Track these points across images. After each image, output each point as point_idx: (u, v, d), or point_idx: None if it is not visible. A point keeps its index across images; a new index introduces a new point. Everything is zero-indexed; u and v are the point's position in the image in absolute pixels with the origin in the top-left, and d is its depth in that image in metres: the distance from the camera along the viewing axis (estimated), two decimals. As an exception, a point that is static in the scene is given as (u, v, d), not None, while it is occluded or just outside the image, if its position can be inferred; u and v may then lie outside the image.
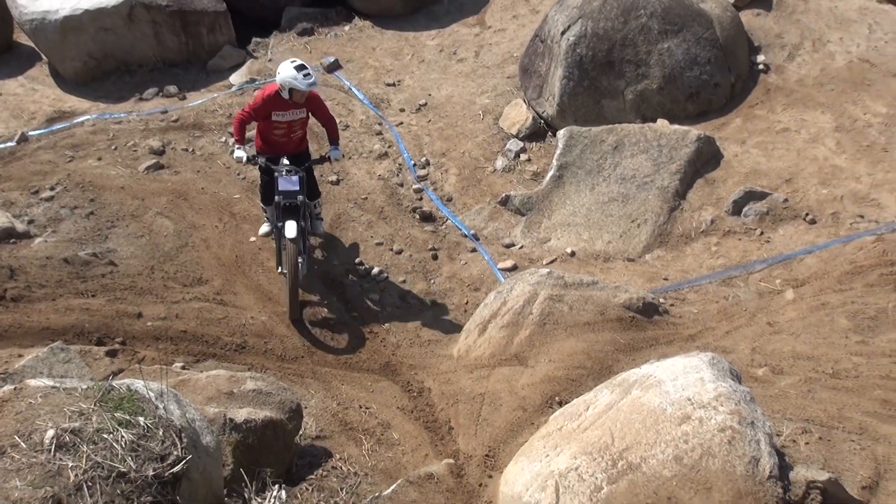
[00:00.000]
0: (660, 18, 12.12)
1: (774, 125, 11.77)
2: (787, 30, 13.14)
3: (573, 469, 6.22)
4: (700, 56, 12.11)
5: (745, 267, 9.89)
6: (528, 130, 12.26)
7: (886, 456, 6.86)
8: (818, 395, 7.86)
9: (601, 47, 12.07)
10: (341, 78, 13.52)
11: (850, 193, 10.61)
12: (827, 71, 12.54)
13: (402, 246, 10.69)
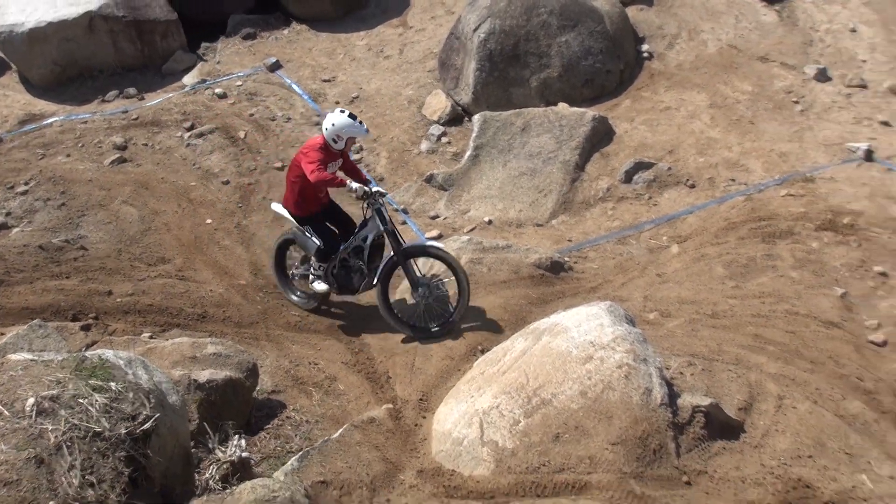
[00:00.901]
0: (558, 15, 12.14)
1: (658, 104, 11.88)
2: (667, 22, 13.25)
3: (495, 407, 6.27)
4: (593, 47, 12.16)
5: (637, 227, 10.00)
6: (447, 117, 12.21)
7: (758, 381, 7.01)
8: (700, 333, 8.00)
9: (508, 42, 12.06)
10: (283, 76, 13.32)
11: (724, 161, 10.76)
12: (701, 56, 12.69)
13: (343, 221, 10.61)
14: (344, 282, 8.64)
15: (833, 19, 13.39)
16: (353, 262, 8.56)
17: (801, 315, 8.27)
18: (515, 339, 7.10)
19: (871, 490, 5.99)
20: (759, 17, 13.36)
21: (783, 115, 11.45)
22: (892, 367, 7.76)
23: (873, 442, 6.73)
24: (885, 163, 10.40)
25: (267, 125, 12.08)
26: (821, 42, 12.91)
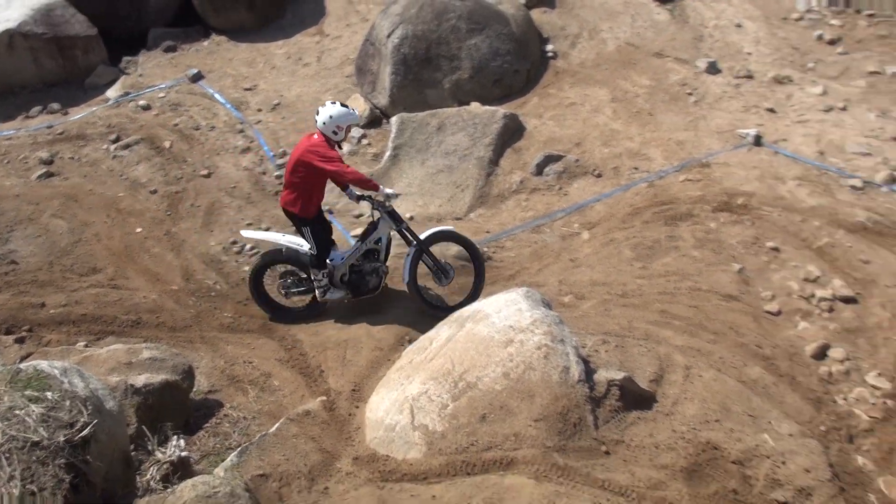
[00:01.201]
0: (466, 19, 12.20)
1: (564, 101, 12.04)
2: (569, 23, 13.44)
3: (424, 393, 6.30)
4: (501, 49, 12.26)
5: (550, 216, 10.14)
6: (366, 119, 12.17)
7: (667, 354, 7.19)
8: (612, 312, 8.17)
9: (421, 46, 12.08)
10: (205, 86, 13.09)
11: (626, 151, 10.97)
12: (602, 54, 12.91)
13: (269, 224, 10.47)
14: (358, 285, 8.47)
15: (720, 16, 13.77)
16: (367, 265, 8.40)
17: (703, 290, 8.51)
18: (440, 328, 7.14)
19: (772, 447, 6.21)
20: (653, 16, 13.65)
21: (679, 106, 11.74)
22: (786, 334, 8.06)
23: (773, 403, 6.99)
24: (772, 147, 10.74)
25: (192, 134, 11.87)
26: (710, 37, 13.27)
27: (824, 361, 7.75)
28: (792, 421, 6.78)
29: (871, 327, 8.13)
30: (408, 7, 12.26)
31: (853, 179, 10.08)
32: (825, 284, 8.60)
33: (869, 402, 7.35)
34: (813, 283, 8.63)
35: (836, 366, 7.70)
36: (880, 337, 8.01)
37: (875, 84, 12.07)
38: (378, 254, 8.43)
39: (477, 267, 8.55)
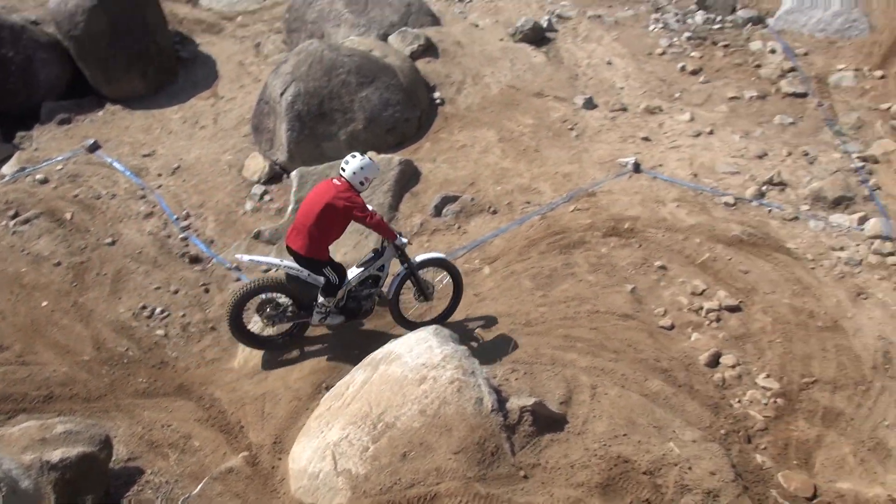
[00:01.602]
0: (356, 74, 12.22)
1: (455, 144, 12.15)
2: (453, 71, 13.62)
3: (344, 438, 6.20)
4: (391, 99, 12.32)
5: (451, 254, 10.15)
6: (267, 176, 12.03)
7: (573, 376, 7.27)
8: (519, 341, 8.22)
9: (314, 102, 12.03)
10: (103, 156, 12.69)
11: (518, 187, 11.13)
12: (486, 98, 13.11)
13: (178, 286, 10.21)
14: (355, 310, 8.47)
15: (591, 55, 14.20)
16: (364, 291, 8.45)
17: (601, 312, 8.67)
18: (356, 372, 7.06)
19: (678, 455, 6.33)
20: (530, 60, 13.97)
21: (562, 141, 12.00)
22: (680, 346, 8.26)
23: (675, 413, 7.13)
24: (651, 172, 11.08)
25: (93, 204, 11.47)
26: (584, 75, 13.66)
27: (717, 369, 7.98)
28: (694, 427, 6.93)
29: (756, 332, 8.42)
30: (298, 65, 12.21)
31: (726, 197, 10.48)
32: (711, 296, 8.87)
33: (761, 403, 7.58)
34: (700, 296, 8.90)
35: (729, 372, 7.93)
36: (765, 341, 8.30)
37: (736, 108, 12.63)
38: (378, 280, 8.50)
39: (455, 292, 8.80)
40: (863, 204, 10.30)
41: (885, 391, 7.71)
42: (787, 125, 12.06)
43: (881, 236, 9.71)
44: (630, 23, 15.29)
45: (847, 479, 6.79)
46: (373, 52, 12.90)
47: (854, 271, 9.27)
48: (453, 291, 8.80)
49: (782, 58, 13.73)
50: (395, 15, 14.53)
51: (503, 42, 14.48)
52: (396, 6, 14.66)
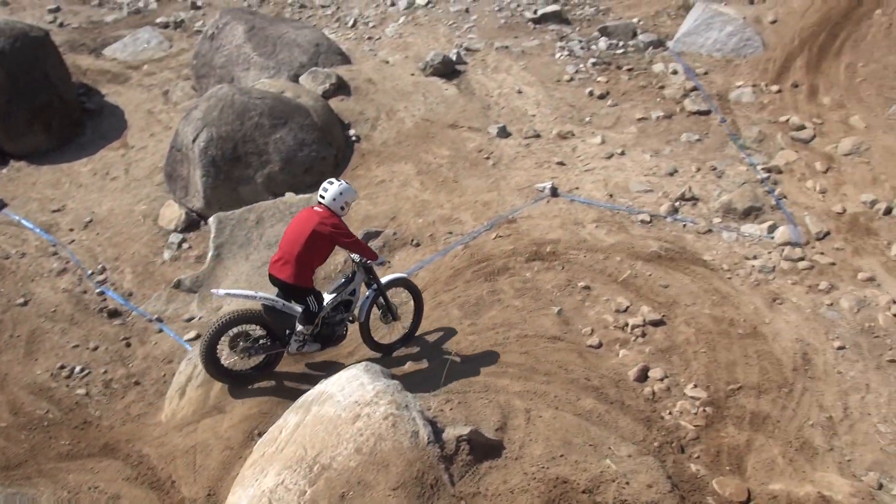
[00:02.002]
0: (269, 116, 12.17)
1: (374, 179, 12.17)
2: (366, 108, 13.68)
3: (280, 484, 6.05)
4: (306, 139, 12.29)
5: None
6: (184, 224, 11.82)
7: (507, 402, 7.28)
8: (453, 370, 8.20)
9: (227, 146, 11.91)
10: (9, 214, 12.29)
11: (439, 218, 11.19)
12: (402, 132, 13.19)
13: (98, 342, 9.89)
14: (329, 336, 8.40)
15: (502, 85, 14.47)
16: (339, 316, 8.39)
17: (530, 336, 8.73)
18: (288, 416, 6.93)
19: (615, 471, 6.38)
20: (442, 92, 14.15)
21: (479, 170, 12.14)
22: (609, 363, 8.37)
23: (609, 430, 7.20)
24: (568, 196, 11.29)
25: (2, 264, 11.06)
26: (496, 105, 13.89)
27: (646, 383, 8.11)
28: (628, 442, 7.01)
29: (681, 344, 8.60)
30: (209, 111, 12.09)
31: (642, 215, 10.74)
32: (635, 313, 9.04)
33: (691, 413, 7.73)
34: (624, 313, 9.06)
35: (658, 385, 8.07)
36: (690, 351, 8.49)
37: (644, 129, 13.01)
38: (349, 304, 8.44)
39: (417, 311, 8.96)
40: (771, 213, 10.69)
41: (806, 392, 7.96)
42: (694, 142, 12.47)
43: (790, 243, 10.09)
44: (537, 52, 15.65)
45: (778, 480, 6.95)
46: (285, 94, 12.88)
47: (768, 278, 9.59)
48: (415, 310, 8.95)
49: (684, 78, 14.23)
50: (304, 56, 14.55)
51: (414, 77, 14.64)
52: (305, 47, 14.69)
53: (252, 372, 8.40)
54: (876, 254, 9.86)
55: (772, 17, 14.86)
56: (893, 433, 7.45)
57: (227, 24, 15.14)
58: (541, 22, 17.02)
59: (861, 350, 8.48)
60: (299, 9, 18.79)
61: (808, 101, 13.06)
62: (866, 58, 13.37)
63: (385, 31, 17.11)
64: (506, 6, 17.94)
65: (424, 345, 8.86)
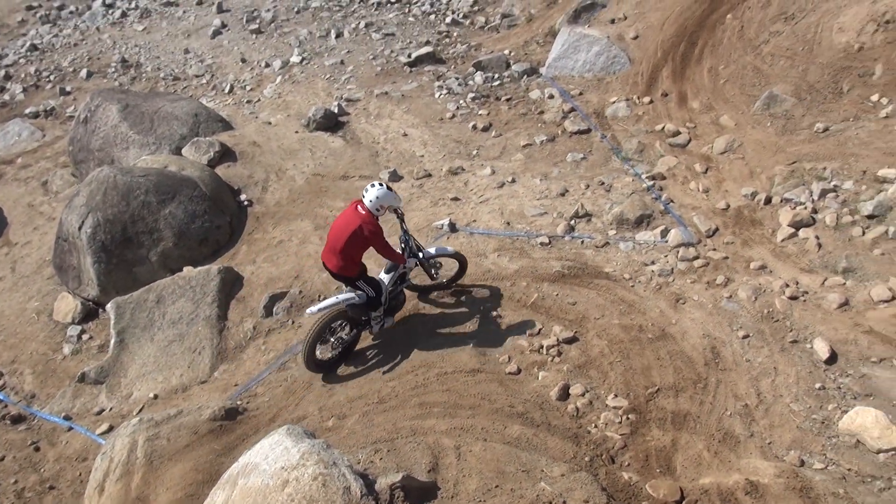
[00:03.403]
0: (155, 192, 11.93)
1: (272, 241, 12.06)
2: (255, 171, 13.58)
3: (216, 565, 5.86)
4: (197, 210, 12.10)
5: (291, 351, 9.98)
6: (81, 315, 11.42)
7: (436, 442, 7.28)
8: (376, 420, 8.15)
9: (116, 229, 11.60)
10: None
11: (343, 270, 11.15)
12: (294, 190, 13.14)
13: (3, 452, 9.42)
14: (396, 307, 9.58)
15: (387, 131, 14.62)
16: (398, 287, 9.47)
17: (450, 373, 8.76)
18: (215, 494, 6.72)
19: (551, 492, 6.43)
20: (329, 146, 14.18)
21: (377, 217, 12.18)
22: (531, 387, 8.47)
23: (539, 453, 7.27)
24: (466, 229, 11.43)
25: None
26: (384, 150, 14.01)
27: (569, 400, 8.23)
28: (560, 462, 7.09)
29: (596, 357, 8.78)
30: (92, 195, 11.77)
31: (540, 237, 10.96)
32: (548, 334, 9.19)
33: (616, 423, 7.88)
34: (538, 335, 9.20)
35: (580, 400, 8.20)
36: (606, 363, 8.67)
37: (531, 154, 13.34)
38: (405, 276, 9.52)
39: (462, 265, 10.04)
40: (661, 218, 11.08)
41: (720, 384, 8.23)
42: (580, 161, 12.86)
43: (684, 244, 10.47)
44: (417, 94, 15.90)
45: (707, 473, 7.15)
46: (169, 168, 12.68)
47: (668, 281, 9.91)
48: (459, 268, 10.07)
49: (561, 101, 14.69)
50: (183, 127, 14.38)
51: (299, 134, 14.65)
52: (184, 118, 14.52)
53: (339, 357, 9.41)
54: (763, 242, 10.33)
55: (633, 33, 15.53)
56: (806, 410, 7.76)
57: (99, 105, 14.83)
58: (416, 65, 17.34)
59: (764, 336, 8.83)
60: (173, 81, 18.63)
61: (679, 108, 13.67)
62: (725, 60, 14.11)
63: (263, 92, 17.10)
64: (380, 53, 18.22)
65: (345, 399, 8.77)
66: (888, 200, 10.05)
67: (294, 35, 19.95)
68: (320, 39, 19.58)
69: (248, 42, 20.16)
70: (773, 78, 13.04)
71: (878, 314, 8.79)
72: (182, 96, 16.51)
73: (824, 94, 12.37)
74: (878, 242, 9.71)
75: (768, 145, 11.95)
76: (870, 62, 12.24)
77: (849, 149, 11.09)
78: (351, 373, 9.25)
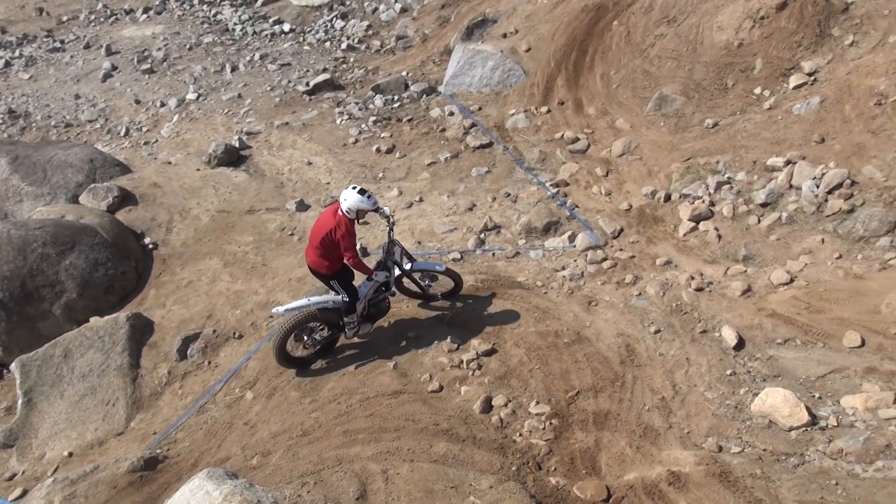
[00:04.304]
0: (53, 244, 11.52)
1: (181, 282, 11.80)
2: (158, 213, 13.28)
3: None
4: (100, 258, 11.74)
5: (209, 392, 9.77)
6: (-16, 378, 10.95)
7: (362, 468, 7.23)
8: (301, 453, 8.02)
9: (14, 285, 11.14)
10: None
11: (256, 304, 10.98)
12: (199, 229, 12.90)
13: None
14: (375, 315, 9.58)
15: (290, 161, 14.53)
16: (380, 295, 9.42)
17: (373, 397, 8.71)
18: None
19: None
20: (232, 181, 14.00)
21: (286, 248, 12.07)
22: (454, 403, 8.50)
23: (466, 468, 7.29)
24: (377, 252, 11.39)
25: None
26: (289, 181, 13.91)
27: (492, 412, 8.29)
28: (488, 474, 7.12)
29: (516, 366, 8.88)
30: (-13, 252, 11.32)
31: (452, 253, 11.05)
32: (467, 348, 9.25)
33: (540, 429, 7.97)
34: (457, 351, 9.24)
35: (503, 411, 8.27)
36: (525, 371, 8.77)
37: (436, 172, 13.45)
38: (388, 285, 9.42)
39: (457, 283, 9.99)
40: (568, 224, 11.32)
41: (637, 380, 8.43)
42: (484, 174, 13.03)
43: (591, 247, 10.72)
44: (318, 122, 15.87)
45: (631, 469, 7.29)
46: (66, 217, 12.30)
47: (580, 284, 10.11)
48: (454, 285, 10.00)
49: (461, 118, 14.88)
50: (79, 175, 13.97)
51: (201, 171, 14.42)
52: (79, 165, 14.12)
53: (314, 356, 9.57)
54: (667, 238, 10.65)
55: (526, 45, 15.86)
56: (720, 397, 8.01)
57: (-13, 159, 14.30)
58: (315, 93, 17.32)
59: (675, 329, 9.09)
60: (65, 128, 18.11)
61: (576, 115, 14.00)
62: (616, 65, 14.54)
63: (161, 132, 16.78)
64: (277, 84, 18.13)
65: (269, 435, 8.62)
66: (779, 188, 10.50)
67: (188, 72, 19.69)
68: (215, 74, 19.38)
69: (141, 83, 19.78)
70: (661, 79, 13.50)
71: (779, 297, 9.16)
72: (76, 143, 16.05)
73: (711, 91, 12.87)
74: (774, 228, 10.13)
75: (663, 144, 12.35)
76: (750, 57, 12.81)
77: (738, 141, 11.55)
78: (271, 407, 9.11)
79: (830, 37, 12.61)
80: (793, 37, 12.72)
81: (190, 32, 22.52)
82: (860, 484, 6.69)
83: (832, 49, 12.44)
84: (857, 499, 6.52)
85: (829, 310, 8.76)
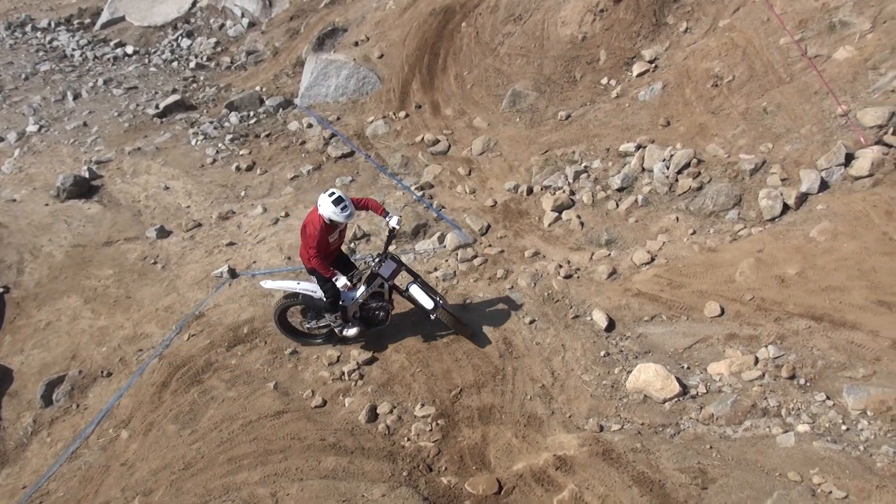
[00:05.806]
0: None
1: (39, 325, 11.17)
2: (6, 254, 12.52)
3: None
4: (-55, 308, 11.01)
5: (81, 436, 9.29)
6: None
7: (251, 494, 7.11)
8: (185, 487, 7.78)
9: None
10: None
11: (123, 339, 10.54)
12: (54, 266, 12.25)
13: None
14: (369, 320, 9.31)
15: (146, 187, 14.02)
16: (375, 304, 9.17)
17: (255, 421, 8.52)
18: None
19: (374, 515, 6.43)
20: (85, 213, 13.39)
21: (150, 278, 11.64)
22: (339, 416, 8.44)
23: (357, 479, 7.26)
24: (247, 273, 11.20)
25: None
26: (147, 208, 13.43)
27: (378, 420, 8.27)
28: (379, 483, 7.11)
29: (398, 372, 8.89)
30: None
31: (323, 266, 10.94)
32: (346, 360, 9.20)
33: (427, 431, 8.01)
34: (337, 364, 9.17)
35: (389, 418, 8.26)
36: (407, 375, 8.80)
37: (300, 185, 13.30)
38: (383, 295, 9.13)
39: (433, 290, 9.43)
40: (436, 225, 11.42)
41: (517, 371, 8.60)
42: (349, 183, 12.98)
43: (461, 245, 10.85)
44: (172, 144, 15.41)
45: (518, 459, 7.43)
46: None
47: (454, 284, 10.22)
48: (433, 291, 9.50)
49: (320, 129, 14.78)
50: (-86, 221, 13.03)
51: (50, 206, 13.72)
52: (-88, 211, 13.17)
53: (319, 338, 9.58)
54: (533, 230, 10.92)
55: (378, 52, 15.91)
56: (597, 378, 8.28)
57: None
58: (166, 115, 16.81)
59: (549, 317, 9.33)
60: None
61: (434, 117, 14.16)
62: (468, 66, 14.79)
63: (2, 169, 15.83)
64: (125, 109, 17.50)
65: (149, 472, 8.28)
66: (632, 172, 10.96)
67: (26, 103, 18.67)
68: (57, 104, 18.48)
69: (-25, 119, 18.65)
70: (513, 76, 13.84)
71: (643, 276, 9.55)
72: None
73: (561, 85, 13.29)
74: (631, 211, 10.55)
75: (521, 139, 12.66)
76: (594, 49, 13.30)
77: (591, 131, 11.98)
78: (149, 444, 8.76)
79: (666, 25, 13.27)
80: (632, 27, 13.31)
81: (24, 61, 21.38)
82: (732, 444, 7.06)
83: (669, 36, 13.10)
84: (731, 459, 6.88)
85: (689, 284, 9.21)
